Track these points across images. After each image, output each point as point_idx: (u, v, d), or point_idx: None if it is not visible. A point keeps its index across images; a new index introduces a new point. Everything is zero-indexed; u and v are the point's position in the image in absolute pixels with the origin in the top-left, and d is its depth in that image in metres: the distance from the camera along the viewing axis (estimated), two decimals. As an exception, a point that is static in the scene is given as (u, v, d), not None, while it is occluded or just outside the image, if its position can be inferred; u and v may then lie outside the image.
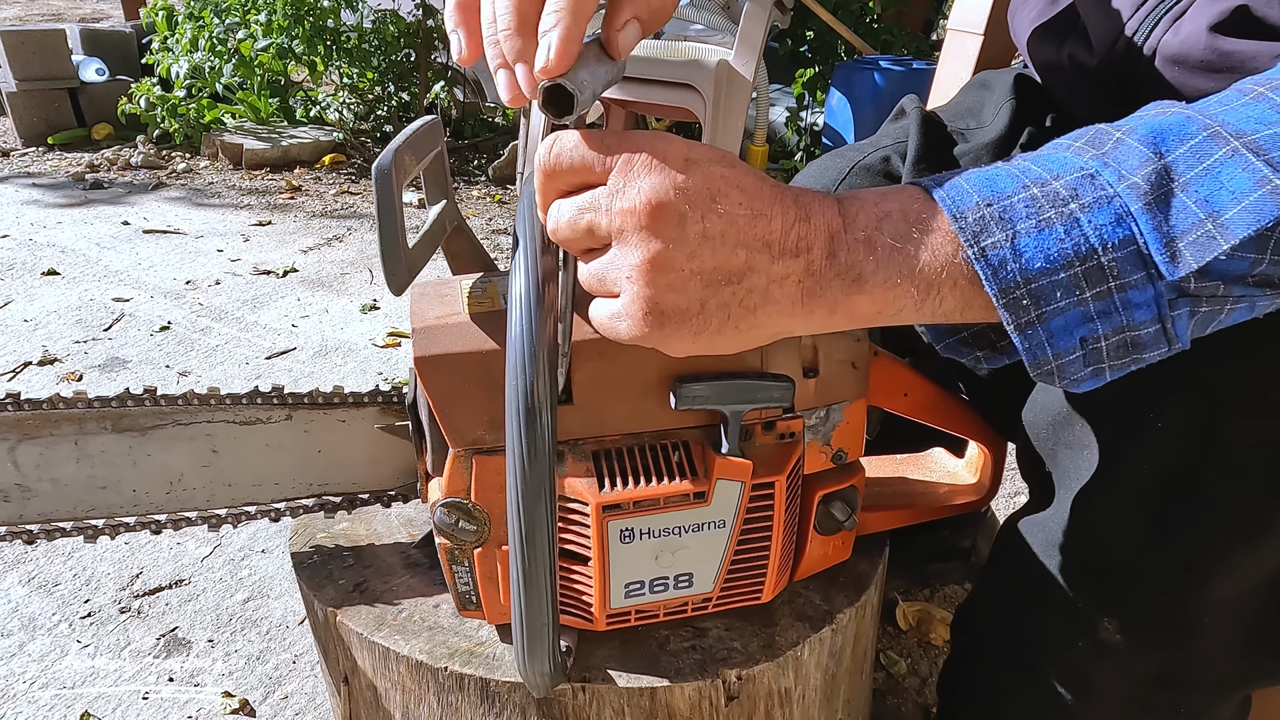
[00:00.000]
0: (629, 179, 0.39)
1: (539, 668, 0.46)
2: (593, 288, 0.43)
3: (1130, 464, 0.53)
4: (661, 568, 0.54)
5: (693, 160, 0.39)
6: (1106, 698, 0.60)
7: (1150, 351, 0.39)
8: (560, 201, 0.41)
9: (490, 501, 0.52)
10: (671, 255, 0.38)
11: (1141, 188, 0.37)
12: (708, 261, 0.39)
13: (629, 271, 0.39)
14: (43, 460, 0.58)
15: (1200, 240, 0.36)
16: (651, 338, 0.41)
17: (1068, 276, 0.37)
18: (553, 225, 0.42)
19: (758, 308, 0.40)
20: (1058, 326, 0.38)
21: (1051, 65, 0.72)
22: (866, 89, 2.83)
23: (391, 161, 0.47)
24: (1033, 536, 0.60)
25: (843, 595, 0.64)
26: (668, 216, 0.38)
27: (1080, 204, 0.38)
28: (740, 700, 0.58)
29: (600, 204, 0.39)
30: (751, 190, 0.40)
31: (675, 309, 0.40)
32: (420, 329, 0.50)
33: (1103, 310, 0.38)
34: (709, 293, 0.39)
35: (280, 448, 0.61)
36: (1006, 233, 0.38)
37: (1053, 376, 0.40)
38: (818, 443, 0.58)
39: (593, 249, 0.42)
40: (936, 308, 0.40)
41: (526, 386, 0.40)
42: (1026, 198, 0.38)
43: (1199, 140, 0.37)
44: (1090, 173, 0.38)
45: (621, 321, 0.41)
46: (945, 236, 0.39)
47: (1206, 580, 0.53)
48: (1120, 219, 0.37)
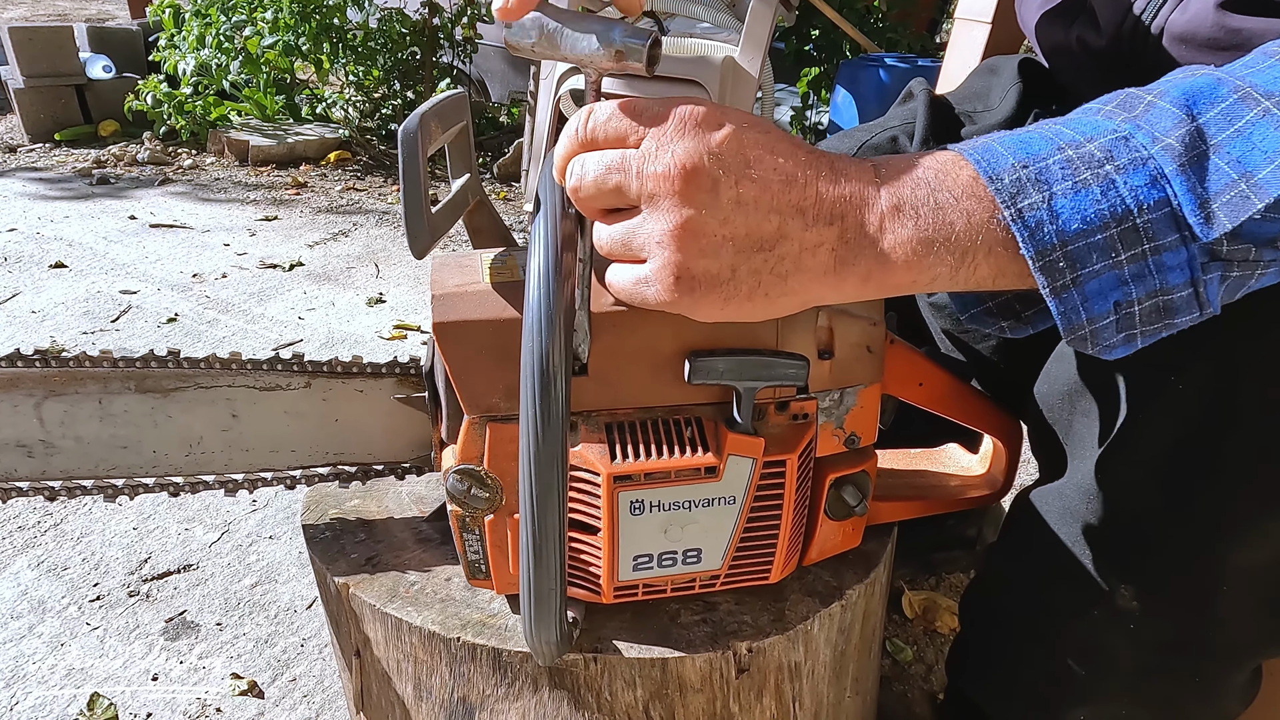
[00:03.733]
0: (662, 143, 0.39)
1: (545, 635, 0.47)
2: (614, 252, 0.42)
3: (1149, 427, 0.53)
4: (670, 542, 0.54)
5: (727, 125, 0.39)
6: (1119, 666, 0.60)
7: (1182, 316, 0.39)
8: (585, 157, 0.41)
9: (503, 470, 0.53)
10: (704, 221, 0.38)
11: (1176, 149, 0.37)
12: (740, 227, 0.39)
13: (660, 236, 0.39)
14: (67, 417, 0.59)
15: (1234, 200, 0.36)
16: (680, 304, 0.40)
17: (1104, 238, 0.37)
18: (575, 183, 0.41)
19: (789, 275, 0.40)
20: (1093, 290, 0.38)
21: (1059, 48, 0.72)
22: (871, 87, 2.83)
23: (418, 125, 0.47)
24: (1047, 506, 0.60)
25: (852, 572, 0.64)
26: (701, 182, 0.38)
27: (1115, 165, 0.37)
28: (750, 673, 0.58)
29: (631, 166, 0.39)
30: (786, 155, 0.39)
31: (706, 275, 0.39)
32: (439, 296, 0.51)
33: (1137, 274, 0.38)
34: (740, 259, 0.39)
35: (298, 415, 0.62)
36: (1043, 194, 0.38)
37: (1085, 342, 0.40)
38: (831, 425, 0.58)
39: (616, 210, 0.41)
40: (970, 275, 0.40)
41: (543, 352, 0.40)
42: (1062, 159, 0.38)
43: (1230, 102, 0.37)
44: (1124, 135, 0.38)
45: (649, 287, 0.41)
46: (981, 201, 0.39)
47: (1226, 547, 0.52)
48: (1155, 181, 0.37)
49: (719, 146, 0.38)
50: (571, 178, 0.42)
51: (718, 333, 0.52)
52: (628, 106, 0.40)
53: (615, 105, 0.41)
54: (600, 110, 0.41)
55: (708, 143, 0.38)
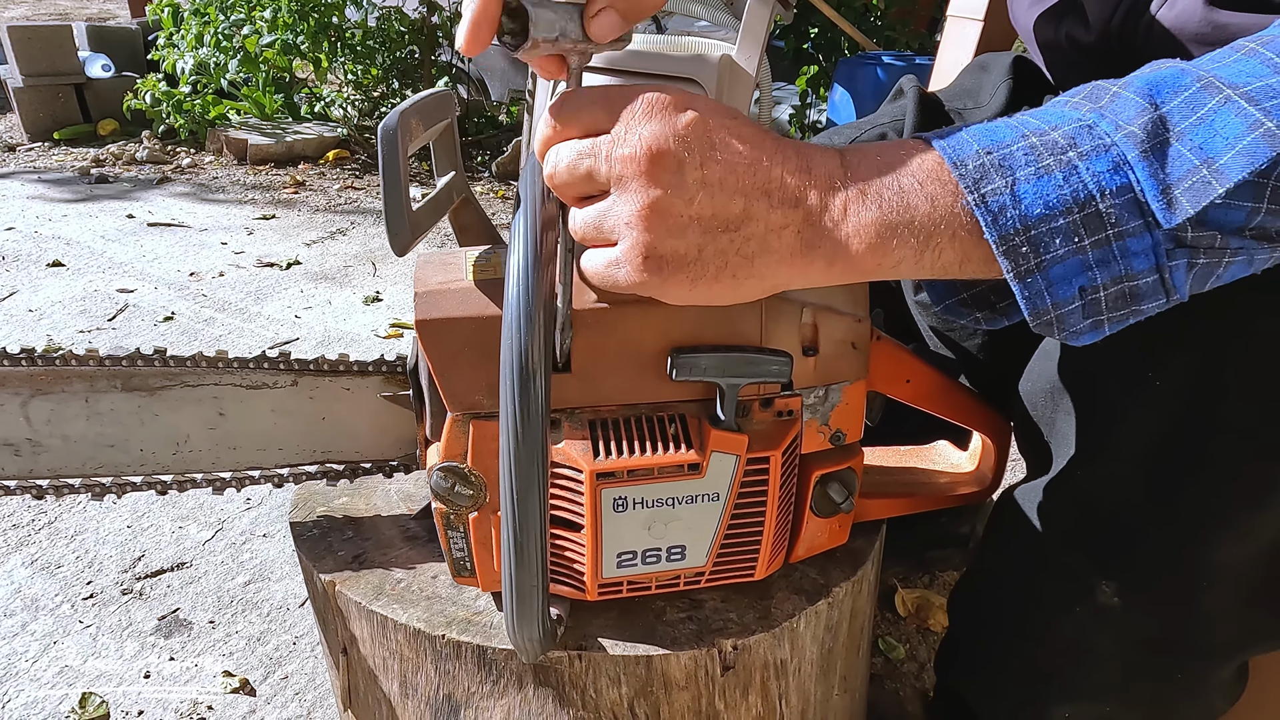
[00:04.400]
0: (630, 127, 0.40)
1: (528, 632, 0.47)
2: (587, 236, 0.43)
3: (1131, 423, 0.53)
4: (654, 539, 0.54)
5: (693, 109, 0.40)
6: (1104, 663, 0.60)
7: (1148, 302, 0.39)
8: (560, 146, 0.42)
9: (487, 467, 0.53)
10: (670, 201, 0.39)
11: (1138, 136, 0.37)
12: (706, 208, 0.39)
13: (628, 217, 0.40)
14: (54, 416, 0.59)
15: (1196, 185, 0.36)
16: (649, 285, 0.41)
17: (1066, 223, 0.38)
18: (550, 169, 0.42)
19: (755, 257, 0.41)
20: (1057, 275, 0.38)
21: (1049, 44, 0.72)
22: (869, 84, 2.83)
23: (398, 122, 0.47)
24: (1029, 504, 0.60)
25: (839, 570, 0.64)
26: (667, 163, 0.39)
27: (1078, 152, 0.38)
28: (736, 670, 0.58)
29: (601, 150, 0.40)
30: (752, 140, 0.40)
31: (673, 255, 0.40)
32: (422, 293, 0.51)
33: (1101, 259, 0.38)
34: (707, 239, 0.40)
35: (286, 413, 0.62)
36: (1006, 179, 0.38)
37: (1052, 327, 0.40)
38: (816, 422, 0.58)
39: (589, 196, 0.42)
40: (935, 259, 0.40)
41: (522, 349, 0.40)
42: (1025, 146, 0.39)
43: (1193, 91, 0.38)
44: (1088, 124, 0.39)
45: (620, 269, 0.41)
46: (945, 186, 0.39)
47: (1207, 543, 0.52)
48: (1117, 167, 0.37)
49: (684, 129, 0.39)
50: (548, 165, 0.42)
51: (701, 329, 0.52)
52: (599, 93, 0.41)
53: (587, 92, 0.41)
54: (573, 97, 0.41)
55: (674, 125, 0.39)
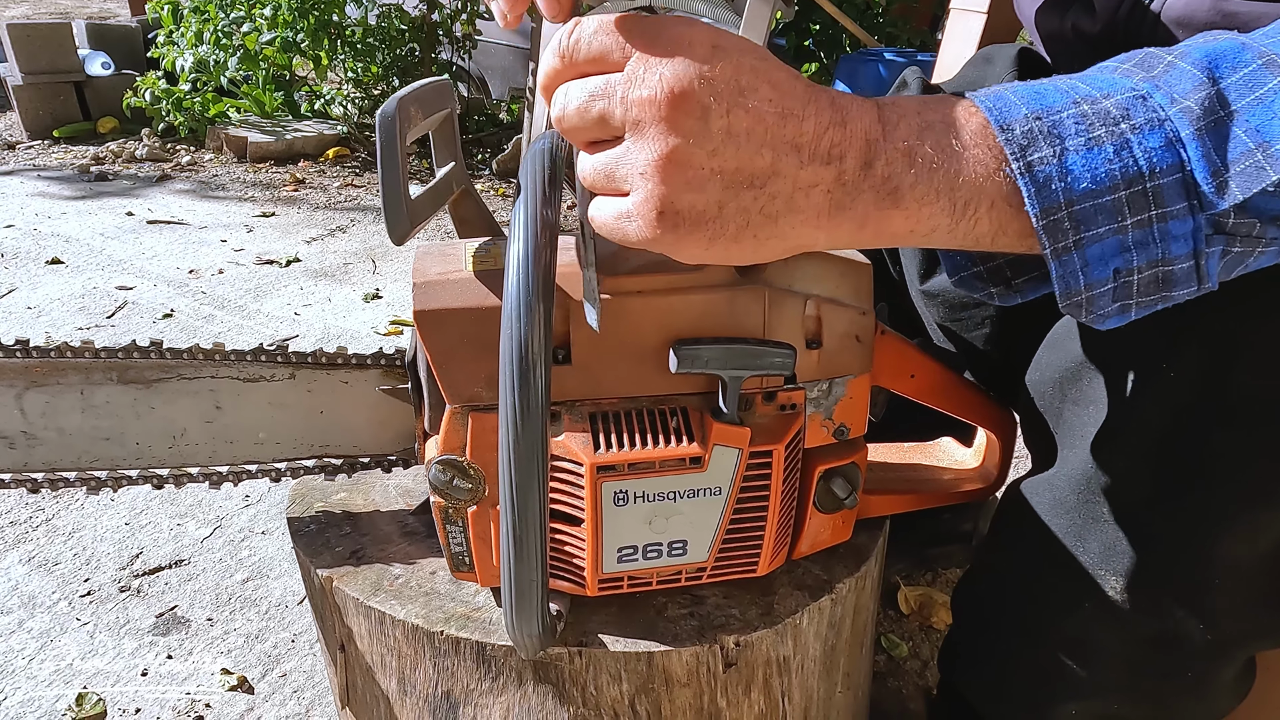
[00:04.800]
0: (649, 65, 0.36)
1: (527, 628, 0.46)
2: (597, 185, 0.39)
3: (1140, 416, 0.52)
4: (655, 533, 0.53)
5: (721, 48, 0.36)
6: (1109, 661, 0.59)
7: (1180, 289, 0.38)
8: (569, 85, 0.38)
9: (485, 460, 0.52)
10: (691, 151, 0.36)
11: (1194, 112, 0.35)
12: (730, 161, 0.36)
13: (643, 167, 0.36)
14: (49, 408, 0.58)
15: (1249, 170, 0.34)
16: (663, 241, 0.38)
17: (1112, 200, 0.36)
18: (558, 111, 0.38)
19: (780, 216, 0.37)
20: (1094, 255, 0.37)
21: (1054, 36, 0.71)
22: (870, 81, 2.82)
23: (396, 109, 0.47)
24: (1037, 497, 0.59)
25: (842, 566, 0.64)
26: (690, 108, 0.35)
27: (1131, 125, 0.36)
28: (738, 667, 0.58)
29: (616, 91, 0.36)
30: (784, 87, 0.37)
31: (691, 210, 0.37)
32: (421, 284, 0.50)
33: (1140, 240, 0.36)
34: (729, 195, 0.37)
35: (283, 406, 0.61)
36: (1055, 148, 0.36)
37: (1081, 309, 0.38)
38: (819, 416, 0.57)
39: (600, 140, 0.39)
40: (970, 229, 0.38)
41: (522, 340, 0.39)
42: (1077, 114, 0.36)
43: (1254, 68, 0.36)
44: (1142, 94, 0.37)
45: (631, 222, 0.38)
46: (990, 150, 0.37)
47: (1216, 539, 0.51)
48: (1170, 144, 0.35)
49: (712, 71, 0.35)
50: (555, 106, 0.39)
51: (703, 321, 0.51)
52: (616, 22, 0.37)
53: (601, 19, 0.37)
54: (586, 24, 0.37)
55: (699, 66, 0.35)
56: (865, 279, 0.56)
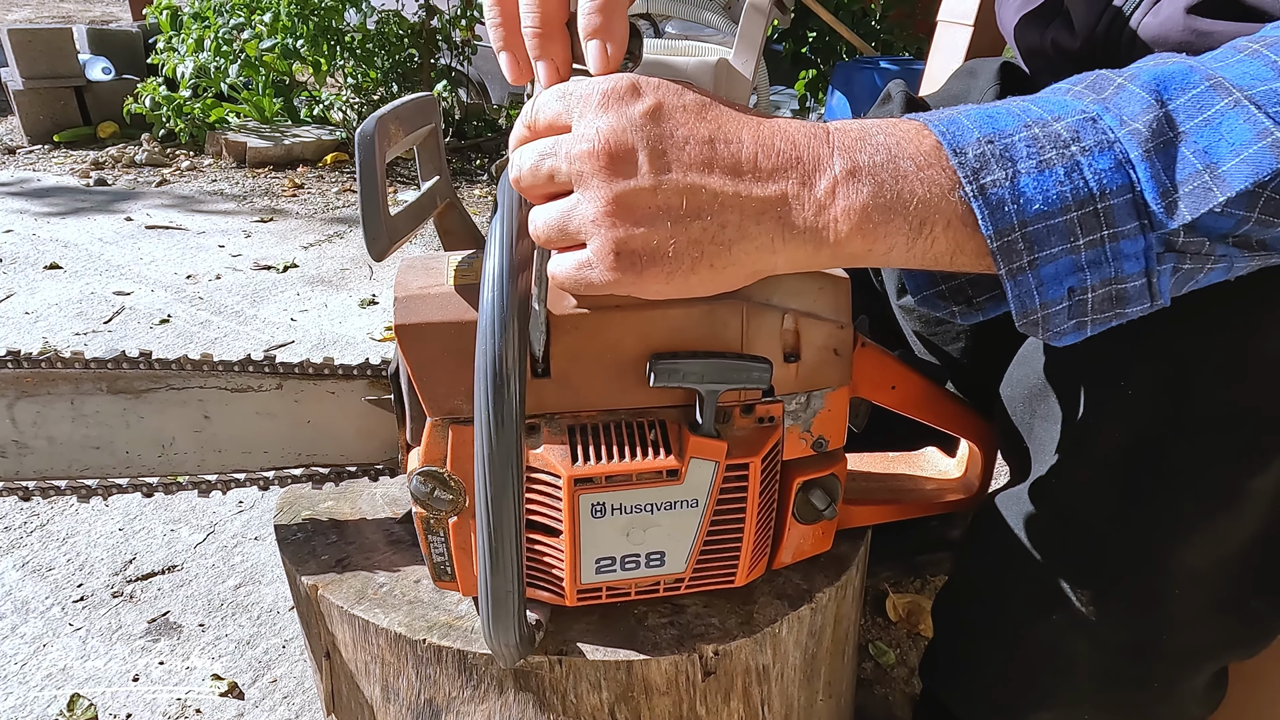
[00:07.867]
0: (586, 120, 0.38)
1: (505, 637, 0.47)
2: (552, 240, 0.41)
3: (1101, 432, 0.53)
4: (633, 545, 0.54)
5: (651, 94, 0.38)
6: (1080, 670, 0.59)
7: (1134, 306, 0.38)
8: (522, 148, 0.41)
9: (466, 472, 0.52)
10: (635, 193, 0.37)
11: (1142, 134, 0.36)
12: (673, 197, 0.38)
13: (594, 215, 0.38)
14: (39, 418, 0.59)
15: (1196, 192, 0.35)
16: (624, 283, 0.39)
17: (1063, 222, 0.36)
18: (515, 173, 0.41)
19: (733, 243, 0.39)
20: (1048, 275, 0.37)
21: (1035, 51, 0.72)
22: (866, 88, 2.83)
23: (375, 128, 0.47)
24: (1008, 510, 0.60)
25: (823, 575, 0.64)
26: (626, 154, 0.37)
27: (1081, 147, 0.37)
28: (717, 675, 0.58)
29: (560, 149, 0.39)
30: (720, 120, 0.39)
31: (646, 248, 0.38)
32: (402, 298, 0.51)
33: (1093, 260, 0.37)
34: (679, 229, 0.38)
35: (271, 416, 0.62)
36: (1007, 171, 0.37)
37: (1037, 327, 0.39)
38: (798, 429, 0.58)
39: (554, 195, 0.41)
40: (927, 249, 0.39)
41: (496, 354, 0.40)
42: (1028, 137, 0.37)
43: (1201, 90, 0.36)
44: (1091, 116, 0.37)
45: (591, 270, 0.40)
46: (943, 171, 0.37)
47: (1177, 549, 0.52)
48: (1120, 165, 0.36)
49: (643, 116, 0.38)
50: (512, 169, 0.42)
51: (681, 335, 0.52)
52: (559, 90, 0.40)
53: (553, 90, 0.40)
54: (542, 97, 0.40)
55: (630, 114, 0.38)
56: (843, 293, 0.57)
